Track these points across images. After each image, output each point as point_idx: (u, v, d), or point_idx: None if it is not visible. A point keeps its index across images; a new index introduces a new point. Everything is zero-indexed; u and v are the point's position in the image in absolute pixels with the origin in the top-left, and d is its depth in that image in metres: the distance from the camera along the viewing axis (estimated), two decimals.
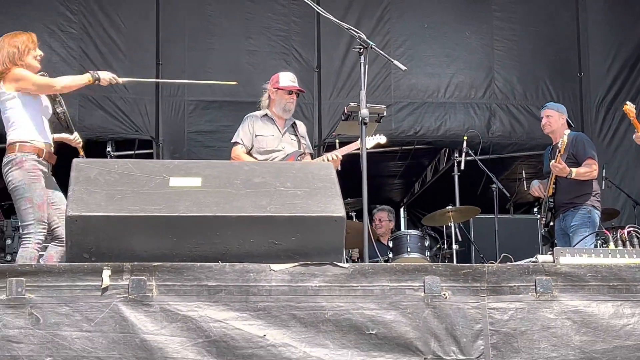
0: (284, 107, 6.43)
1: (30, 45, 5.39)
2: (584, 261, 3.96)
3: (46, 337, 3.47)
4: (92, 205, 3.79)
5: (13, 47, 5.32)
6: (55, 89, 5.42)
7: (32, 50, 5.40)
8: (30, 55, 5.38)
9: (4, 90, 5.32)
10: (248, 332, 3.60)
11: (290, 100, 6.43)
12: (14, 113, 5.32)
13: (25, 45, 5.36)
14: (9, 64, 5.28)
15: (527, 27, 9.52)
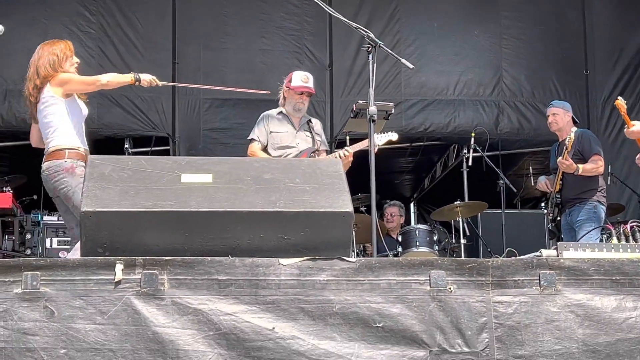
0: (294, 107, 6.58)
1: (68, 53, 5.57)
2: (587, 255, 4.01)
3: (60, 330, 3.54)
4: (106, 201, 3.86)
5: (52, 55, 5.49)
6: (101, 84, 5.52)
7: (69, 58, 5.57)
8: (68, 62, 5.55)
9: (51, 94, 5.45)
10: (257, 325, 3.66)
11: (300, 101, 6.56)
12: (59, 119, 5.45)
13: (63, 52, 5.54)
14: (51, 70, 5.44)
15: (535, 26, 9.58)
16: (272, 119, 6.61)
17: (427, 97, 9.53)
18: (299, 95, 6.58)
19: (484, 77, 9.59)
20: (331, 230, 3.98)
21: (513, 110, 9.50)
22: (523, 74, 9.55)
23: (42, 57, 5.50)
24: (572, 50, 9.66)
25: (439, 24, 9.59)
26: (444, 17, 9.63)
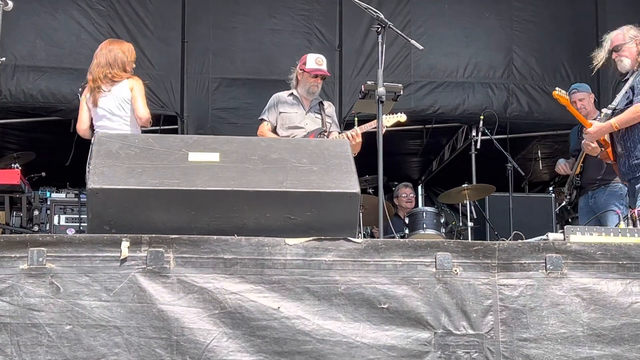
0: (308, 90, 6.61)
1: (134, 55, 6.15)
2: (594, 240, 4.00)
3: (66, 306, 3.56)
4: (113, 179, 3.87)
5: (122, 53, 6.05)
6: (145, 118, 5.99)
7: (132, 62, 6.11)
8: (133, 64, 6.12)
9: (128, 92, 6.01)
10: (262, 304, 3.68)
11: (314, 84, 6.60)
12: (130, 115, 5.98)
13: (130, 53, 6.11)
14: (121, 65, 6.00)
15: (546, 8, 9.50)
16: (282, 101, 6.65)
17: (437, 79, 9.46)
18: (314, 78, 6.59)
19: (494, 59, 9.52)
20: (338, 211, 3.98)
21: (523, 94, 9.43)
22: (534, 57, 9.48)
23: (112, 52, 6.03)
24: (584, 33, 9.56)
25: (449, 6, 9.51)
26: None
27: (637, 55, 5.75)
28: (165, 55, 9.22)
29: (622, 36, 5.82)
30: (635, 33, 5.80)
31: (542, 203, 9.24)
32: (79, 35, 8.93)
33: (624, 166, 5.74)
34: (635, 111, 5.55)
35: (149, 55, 9.06)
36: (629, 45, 5.77)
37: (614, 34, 5.90)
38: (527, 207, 8.93)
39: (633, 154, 5.62)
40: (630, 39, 5.78)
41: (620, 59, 5.82)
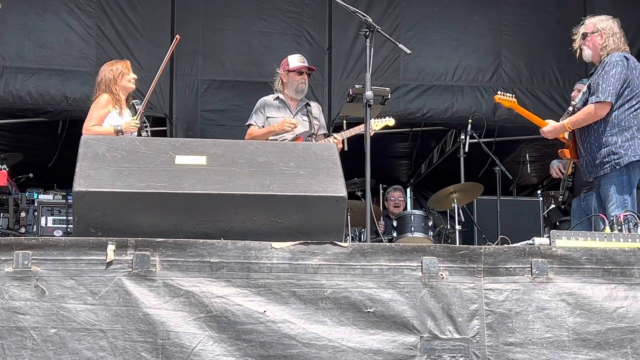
0: (296, 88, 6.62)
1: (125, 71, 6.35)
2: (579, 244, 4.01)
3: (51, 310, 3.55)
4: (99, 181, 3.87)
5: (110, 72, 6.31)
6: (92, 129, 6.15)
7: (125, 75, 6.34)
8: (124, 79, 6.33)
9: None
10: (249, 308, 3.67)
11: (302, 81, 6.61)
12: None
13: (119, 71, 6.31)
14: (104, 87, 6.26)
15: (535, 12, 9.54)
16: (269, 105, 6.68)
17: (426, 82, 9.50)
18: (300, 75, 6.61)
19: (483, 63, 9.57)
20: (324, 214, 3.99)
21: None
22: (522, 61, 9.52)
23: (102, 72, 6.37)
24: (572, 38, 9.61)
25: (439, 9, 9.54)
26: (444, 3, 9.58)
27: (599, 49, 5.63)
28: (154, 56, 9.17)
29: (592, 25, 5.69)
30: (604, 25, 5.65)
31: (530, 206, 9.29)
32: (67, 36, 8.92)
33: (582, 165, 5.74)
34: (588, 112, 5.50)
35: (137, 56, 9.04)
36: (594, 37, 5.65)
37: (589, 20, 5.76)
38: (515, 210, 8.98)
39: (590, 154, 5.59)
40: (597, 30, 5.64)
41: (584, 47, 5.73)
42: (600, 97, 5.43)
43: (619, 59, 5.50)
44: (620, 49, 5.59)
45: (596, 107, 5.47)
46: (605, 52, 5.59)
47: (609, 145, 5.48)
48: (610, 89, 5.41)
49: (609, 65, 5.48)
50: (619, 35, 5.64)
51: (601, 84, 5.45)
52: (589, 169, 5.65)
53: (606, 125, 5.51)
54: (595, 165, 5.57)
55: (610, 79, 5.42)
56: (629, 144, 5.46)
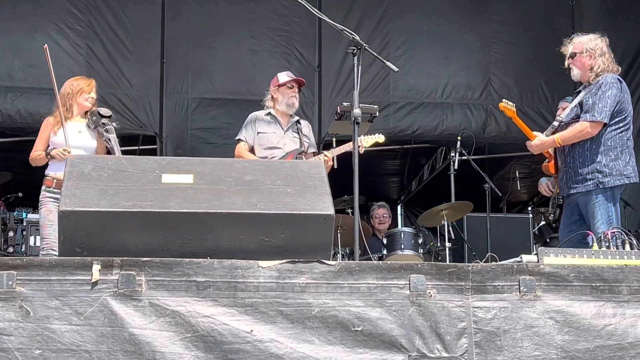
0: (287, 103, 6.63)
1: (85, 89, 6.29)
2: (567, 261, 4.00)
3: (36, 330, 3.51)
4: (85, 201, 3.84)
5: (69, 88, 6.26)
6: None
7: (84, 93, 6.27)
8: (82, 96, 6.25)
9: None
10: (235, 327, 3.64)
11: (292, 95, 6.64)
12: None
13: (79, 88, 6.26)
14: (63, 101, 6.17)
15: (524, 30, 9.60)
16: (259, 120, 6.66)
17: (416, 99, 9.53)
18: (290, 89, 6.63)
19: (472, 80, 9.60)
20: (312, 232, 3.97)
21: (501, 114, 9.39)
22: (512, 79, 9.56)
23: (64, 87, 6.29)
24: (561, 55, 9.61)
25: (428, 27, 9.59)
26: (434, 20, 9.63)
27: (588, 69, 5.70)
28: (144, 75, 9.23)
29: (580, 45, 5.77)
30: (593, 46, 5.73)
31: (520, 223, 9.30)
32: (57, 55, 8.89)
33: (562, 180, 5.80)
34: (580, 129, 5.57)
35: (128, 75, 9.07)
36: (583, 57, 5.73)
37: (578, 39, 5.84)
38: (505, 227, 8.99)
39: (573, 169, 5.66)
40: (586, 50, 5.72)
41: (572, 67, 5.81)
42: (596, 116, 5.52)
43: (614, 81, 5.60)
44: (609, 69, 5.68)
45: (591, 125, 5.55)
46: (594, 73, 5.68)
47: (594, 163, 5.57)
48: (607, 109, 5.51)
49: (605, 86, 5.56)
50: (607, 56, 5.72)
51: (597, 103, 5.52)
52: (568, 184, 5.71)
53: (592, 144, 5.60)
54: (577, 180, 5.64)
55: (607, 99, 5.51)
56: (613, 164, 5.56)
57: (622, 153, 5.60)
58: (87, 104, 6.30)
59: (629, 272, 3.89)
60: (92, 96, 6.34)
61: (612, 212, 5.51)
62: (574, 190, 5.66)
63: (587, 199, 5.60)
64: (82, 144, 6.15)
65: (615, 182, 5.55)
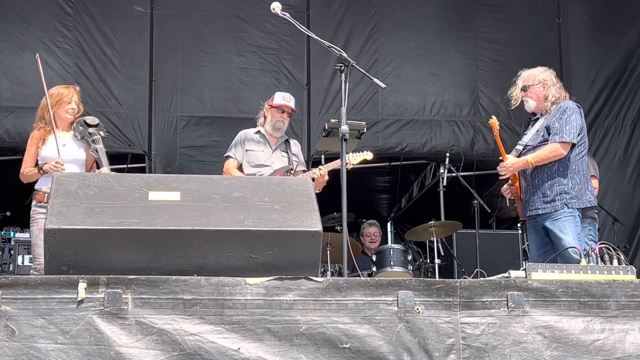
0: (274, 125, 6.61)
1: (64, 99, 6.04)
2: (555, 277, 4.00)
3: (21, 349, 3.48)
4: (71, 219, 3.82)
5: (45, 100, 6.00)
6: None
7: (64, 105, 6.04)
8: (62, 108, 6.03)
9: None
10: (222, 345, 3.62)
11: (280, 119, 6.60)
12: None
13: (57, 99, 6.03)
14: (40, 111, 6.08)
15: (511, 47, 9.64)
16: (249, 138, 6.67)
17: (404, 117, 9.54)
18: (280, 113, 6.62)
19: (460, 97, 9.63)
20: (300, 249, 3.95)
21: (489, 131, 9.46)
22: (499, 95, 9.54)
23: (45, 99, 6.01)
24: None
25: (416, 45, 9.62)
26: (421, 38, 9.66)
27: (543, 99, 5.94)
28: (133, 93, 9.22)
29: (532, 78, 6.01)
30: (545, 77, 5.99)
31: (509, 239, 9.30)
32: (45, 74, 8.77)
33: (526, 201, 5.92)
34: (552, 150, 5.74)
35: (116, 94, 9.06)
36: (537, 88, 5.97)
37: (526, 73, 6.09)
38: (494, 243, 8.99)
39: (541, 191, 5.80)
40: (539, 82, 5.98)
41: (527, 99, 6.03)
42: (565, 137, 5.73)
43: (575, 106, 5.88)
44: (563, 97, 5.96)
45: (562, 146, 5.74)
46: (549, 102, 5.93)
47: (562, 185, 5.76)
48: (574, 131, 5.75)
49: (569, 110, 5.81)
50: (558, 85, 6.02)
51: (565, 126, 5.75)
52: (535, 205, 5.84)
53: (560, 166, 5.80)
54: (544, 201, 5.78)
55: (573, 122, 5.76)
56: (579, 187, 5.78)
57: (584, 177, 5.85)
58: (68, 117, 6.08)
59: (616, 287, 3.90)
60: (73, 107, 6.08)
61: (579, 230, 5.71)
62: (541, 210, 5.80)
63: (554, 218, 5.73)
64: (69, 157, 5.95)
65: (580, 205, 5.77)
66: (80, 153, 6.07)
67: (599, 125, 9.56)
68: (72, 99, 6.09)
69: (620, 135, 9.74)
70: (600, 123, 9.60)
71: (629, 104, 9.74)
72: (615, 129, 9.72)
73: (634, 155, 9.69)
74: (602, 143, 9.58)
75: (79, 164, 6.04)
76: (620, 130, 9.75)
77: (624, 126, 9.75)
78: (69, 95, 6.09)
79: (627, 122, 9.72)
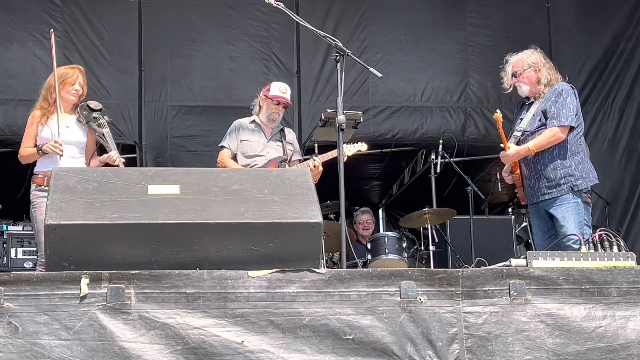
0: (269, 116, 6.61)
1: (68, 80, 5.89)
2: (556, 265, 4.02)
3: (25, 346, 3.48)
4: (71, 214, 3.80)
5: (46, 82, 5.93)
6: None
7: (67, 85, 5.89)
8: (65, 89, 5.88)
9: None
10: (226, 338, 3.62)
11: (275, 111, 6.60)
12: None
13: (61, 79, 5.87)
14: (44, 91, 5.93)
15: (501, 33, 9.61)
16: (243, 128, 6.64)
17: (395, 103, 9.52)
18: (275, 105, 6.61)
19: (451, 83, 9.62)
20: (300, 241, 3.95)
21: (480, 117, 9.52)
22: (489, 81, 9.55)
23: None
24: None
25: (406, 31, 9.59)
26: (411, 25, 9.63)
27: (536, 82, 5.91)
28: (122, 84, 9.16)
29: (521, 62, 5.98)
30: (535, 59, 5.95)
31: (503, 225, 9.34)
32: (34, 66, 8.84)
33: (530, 187, 5.92)
34: (552, 135, 5.74)
35: (105, 84, 9.00)
36: (528, 72, 5.94)
37: (515, 58, 6.06)
38: (487, 229, 9.02)
39: (545, 176, 5.80)
40: (529, 65, 5.94)
41: (519, 85, 6.01)
42: (563, 121, 5.73)
43: (569, 88, 5.86)
44: (556, 78, 5.93)
45: (561, 129, 5.74)
46: (542, 85, 5.89)
47: (565, 168, 5.77)
48: (571, 114, 5.75)
49: (565, 92, 5.80)
50: (548, 66, 5.98)
51: (561, 109, 5.74)
52: (541, 191, 5.83)
53: (560, 149, 5.80)
54: (549, 186, 5.79)
55: (569, 104, 5.75)
56: (582, 167, 5.79)
57: (585, 156, 5.87)
58: (71, 98, 5.94)
59: (617, 273, 3.92)
60: (77, 88, 5.93)
61: (583, 216, 5.71)
62: (547, 196, 5.79)
63: (558, 203, 5.74)
64: (72, 139, 5.84)
65: (587, 184, 5.79)
66: (82, 137, 5.96)
67: (588, 109, 9.55)
68: (76, 80, 5.95)
69: (609, 119, 9.75)
70: (590, 107, 9.60)
71: (618, 87, 9.74)
72: (605, 113, 9.73)
73: (623, 139, 9.71)
74: (592, 127, 9.59)
75: (80, 146, 5.93)
76: (609, 114, 9.76)
77: (612, 110, 9.77)
78: (73, 76, 5.94)
79: (616, 106, 9.73)
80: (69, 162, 5.81)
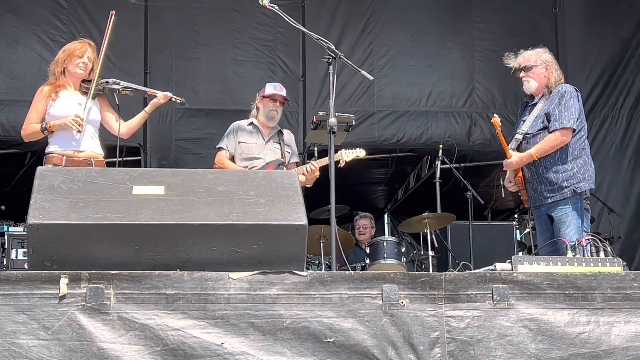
0: (268, 115, 6.61)
1: (75, 53, 5.63)
2: (541, 269, 3.98)
3: (2, 346, 3.46)
4: (54, 213, 3.79)
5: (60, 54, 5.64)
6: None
7: (75, 58, 5.63)
8: (72, 62, 5.63)
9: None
10: (206, 340, 3.60)
11: (273, 108, 6.60)
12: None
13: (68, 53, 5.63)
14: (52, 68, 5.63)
15: (507, 38, 9.55)
16: (241, 129, 6.66)
17: (400, 108, 9.52)
18: (273, 102, 6.62)
19: (456, 88, 9.60)
20: (285, 243, 3.92)
21: (485, 122, 9.48)
22: (495, 86, 9.55)
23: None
24: None
25: (412, 36, 9.58)
26: (417, 29, 9.62)
27: (546, 80, 5.87)
28: None
29: (534, 58, 5.94)
30: (547, 58, 5.92)
31: (504, 231, 9.29)
32: (40, 67, 8.84)
33: (533, 191, 5.88)
34: (555, 139, 5.70)
35: None
36: (539, 69, 5.90)
37: (528, 52, 6.01)
38: (488, 235, 8.97)
39: (547, 179, 5.76)
40: (542, 62, 5.90)
41: (528, 79, 5.95)
42: (565, 123, 5.68)
43: (573, 90, 5.81)
44: (561, 80, 5.91)
45: (562, 132, 5.70)
46: (550, 85, 5.86)
47: (567, 171, 5.72)
48: (574, 116, 5.70)
49: (568, 95, 5.75)
50: (557, 67, 5.96)
51: (564, 111, 5.69)
52: (543, 195, 5.79)
53: (562, 153, 5.75)
54: (552, 190, 5.74)
55: (571, 107, 5.71)
56: (584, 170, 5.74)
57: (588, 158, 5.82)
58: (78, 71, 5.65)
59: (602, 279, 3.88)
60: (84, 61, 5.66)
61: (585, 219, 5.67)
62: (550, 199, 5.75)
63: (559, 207, 5.70)
64: (87, 118, 5.55)
65: (589, 186, 5.76)
66: (97, 114, 5.73)
67: (596, 115, 9.51)
68: (84, 53, 5.68)
69: (617, 125, 9.70)
70: (597, 113, 9.55)
71: (626, 93, 9.69)
72: (612, 119, 9.68)
73: (631, 145, 9.65)
74: (599, 133, 9.55)
75: (95, 125, 5.69)
76: (617, 120, 9.71)
77: (620, 116, 9.71)
78: (81, 49, 5.68)
79: (624, 112, 9.68)
80: (89, 142, 5.62)
